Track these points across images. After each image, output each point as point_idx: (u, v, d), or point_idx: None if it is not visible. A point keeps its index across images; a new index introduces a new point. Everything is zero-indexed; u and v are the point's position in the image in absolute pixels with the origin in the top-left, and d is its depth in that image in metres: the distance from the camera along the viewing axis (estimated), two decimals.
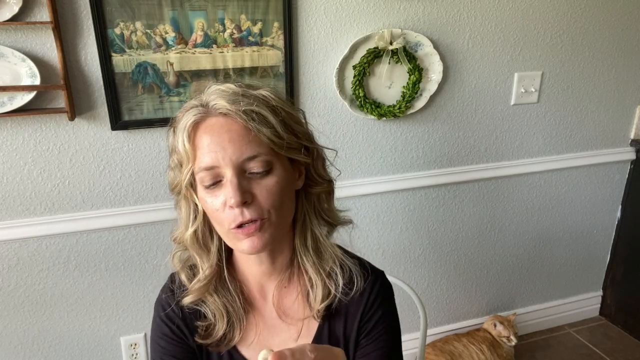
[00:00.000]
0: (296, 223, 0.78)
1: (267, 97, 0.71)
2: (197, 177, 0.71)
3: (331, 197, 0.81)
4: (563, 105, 1.93)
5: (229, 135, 0.67)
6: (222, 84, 0.72)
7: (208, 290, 0.79)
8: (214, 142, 0.67)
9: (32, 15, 1.27)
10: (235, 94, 0.69)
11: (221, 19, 1.41)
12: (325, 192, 0.80)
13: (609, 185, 2.15)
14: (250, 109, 0.67)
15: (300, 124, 0.75)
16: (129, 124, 1.43)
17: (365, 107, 1.61)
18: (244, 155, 0.67)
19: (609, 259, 2.31)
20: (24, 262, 1.48)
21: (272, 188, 0.69)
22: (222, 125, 0.68)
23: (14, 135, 1.36)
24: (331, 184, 0.80)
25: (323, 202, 0.80)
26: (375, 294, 0.80)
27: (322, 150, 0.79)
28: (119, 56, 1.36)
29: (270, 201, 0.69)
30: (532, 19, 1.75)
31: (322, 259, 0.79)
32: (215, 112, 0.69)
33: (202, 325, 0.80)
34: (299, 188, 0.77)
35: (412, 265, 1.96)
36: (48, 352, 1.59)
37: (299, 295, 0.80)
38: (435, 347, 1.90)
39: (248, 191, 0.68)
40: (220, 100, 0.68)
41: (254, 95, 0.70)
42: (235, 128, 0.67)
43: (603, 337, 2.23)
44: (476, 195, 1.94)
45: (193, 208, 0.76)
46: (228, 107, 0.67)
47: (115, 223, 1.51)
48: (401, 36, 1.57)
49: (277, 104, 0.71)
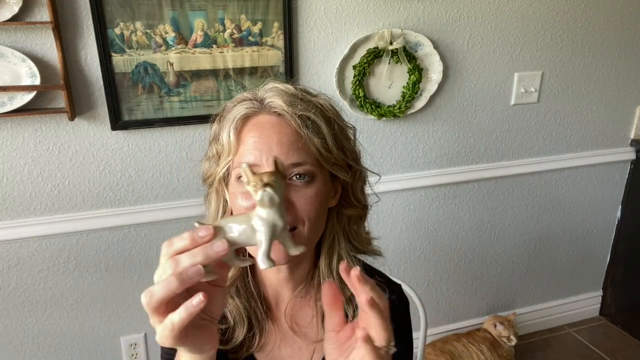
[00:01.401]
0: (323, 243, 0.74)
1: (324, 106, 0.68)
2: (234, 172, 0.67)
3: (362, 221, 0.78)
4: (563, 105, 1.93)
5: (278, 137, 0.64)
6: (280, 82, 0.69)
7: (230, 293, 0.75)
8: (262, 141, 0.64)
9: (32, 15, 1.27)
10: (294, 96, 0.66)
11: (221, 19, 1.41)
12: (358, 216, 0.76)
13: (609, 185, 2.15)
14: (306, 115, 0.65)
15: (349, 140, 0.72)
16: (129, 124, 1.43)
17: (365, 107, 1.61)
18: (289, 160, 0.63)
19: (609, 259, 2.31)
20: (24, 262, 1.48)
21: (311, 198, 0.65)
22: (273, 124, 0.65)
23: (14, 135, 1.36)
24: (365, 209, 0.77)
25: (353, 225, 0.76)
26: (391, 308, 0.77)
27: (365, 172, 0.76)
28: (119, 56, 1.36)
29: (307, 211, 0.65)
30: (532, 19, 1.75)
31: (344, 283, 0.76)
32: (270, 109, 0.66)
33: (221, 328, 0.75)
34: (332, 206, 0.74)
35: (412, 265, 1.96)
36: (48, 352, 1.59)
37: (315, 316, 0.77)
38: (435, 347, 1.90)
39: (285, 196, 0.64)
40: (277, 99, 0.65)
41: (312, 102, 0.67)
42: (287, 131, 0.64)
43: (603, 337, 2.23)
44: (476, 195, 1.94)
45: (223, 204, 0.73)
46: (284, 107, 0.65)
47: (115, 223, 1.51)
48: (401, 36, 1.57)
49: (332, 116, 0.68)
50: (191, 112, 1.47)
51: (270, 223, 0.49)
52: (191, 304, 0.47)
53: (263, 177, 0.49)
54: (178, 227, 1.56)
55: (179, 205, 1.54)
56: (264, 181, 0.49)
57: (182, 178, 1.54)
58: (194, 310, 0.47)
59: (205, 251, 0.48)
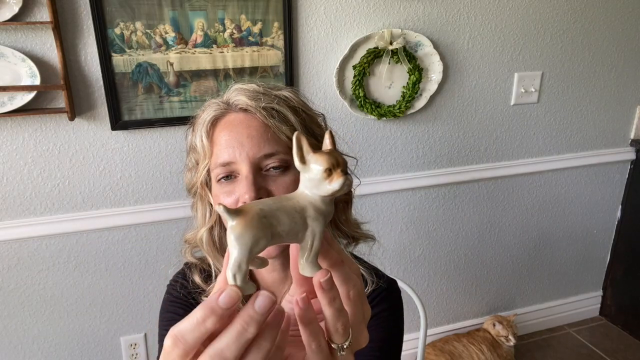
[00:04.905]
0: None
1: (288, 97, 0.70)
2: (213, 174, 0.69)
3: (349, 206, 0.78)
4: (563, 106, 1.93)
5: (247, 132, 0.66)
6: (244, 83, 0.72)
7: None
8: (233, 138, 0.66)
9: (32, 15, 1.27)
10: (257, 92, 0.69)
11: (221, 19, 1.41)
12: (343, 201, 0.77)
13: (609, 185, 2.15)
14: (270, 106, 0.67)
15: (320, 127, 0.74)
16: (129, 124, 1.43)
17: (365, 107, 1.61)
18: (261, 152, 0.66)
19: (609, 259, 2.31)
20: (24, 262, 1.47)
21: (289, 187, 0.66)
22: (241, 121, 0.67)
23: (14, 135, 1.36)
24: (349, 193, 0.78)
25: (340, 213, 0.77)
26: (378, 293, 0.77)
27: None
28: (119, 56, 1.36)
29: None
30: (532, 19, 1.75)
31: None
32: (236, 108, 0.69)
33: None
34: None
35: (412, 265, 1.96)
36: (48, 352, 1.59)
37: None
38: (435, 347, 1.90)
39: (263, 188, 0.66)
40: (241, 97, 0.68)
41: (275, 95, 0.69)
42: (255, 124, 0.67)
43: (603, 337, 2.23)
44: (476, 195, 1.94)
45: (208, 208, 0.75)
46: (248, 102, 0.67)
47: (115, 223, 1.51)
48: (401, 36, 1.57)
49: (297, 105, 0.70)
50: (191, 112, 1.47)
51: (328, 217, 0.37)
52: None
53: (338, 157, 0.36)
54: (178, 227, 1.56)
55: (179, 205, 1.54)
56: (341, 163, 0.36)
57: (182, 178, 1.53)
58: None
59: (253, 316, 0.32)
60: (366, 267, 0.79)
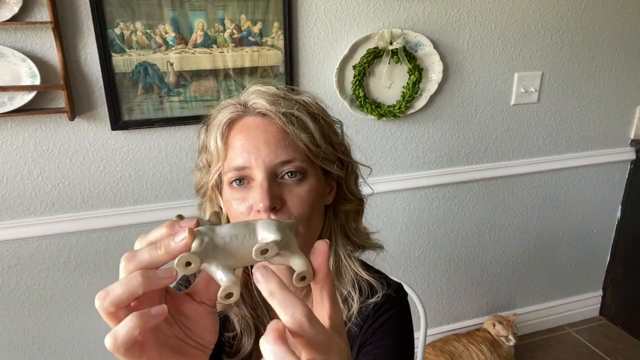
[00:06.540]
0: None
1: (308, 103, 0.69)
2: (225, 177, 0.67)
3: (359, 216, 0.77)
4: (563, 105, 1.93)
5: (265, 137, 0.64)
6: (263, 85, 0.69)
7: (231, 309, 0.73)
8: (249, 142, 0.64)
9: (32, 15, 1.27)
10: (276, 95, 0.67)
11: (221, 19, 1.41)
12: (354, 211, 0.76)
13: (609, 185, 2.15)
14: (290, 112, 0.65)
15: (337, 134, 0.72)
16: (129, 124, 1.43)
17: (365, 107, 1.61)
18: (278, 159, 0.63)
19: (609, 259, 2.31)
20: (24, 262, 1.47)
21: (304, 196, 0.65)
22: (258, 125, 0.65)
23: (14, 135, 1.36)
24: (362, 203, 0.77)
25: (351, 221, 0.76)
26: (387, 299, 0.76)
27: (357, 165, 0.76)
28: (119, 56, 1.36)
29: (300, 210, 0.64)
30: (532, 19, 1.75)
31: (340, 282, 0.74)
32: (254, 111, 0.66)
33: (229, 336, 0.73)
34: (328, 203, 0.73)
35: (412, 265, 1.96)
36: (48, 352, 1.59)
37: None
38: (435, 347, 1.90)
39: (278, 196, 0.63)
40: (260, 100, 0.65)
41: (294, 100, 0.68)
42: (273, 130, 0.65)
43: (603, 337, 2.23)
44: (476, 195, 1.94)
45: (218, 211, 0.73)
46: (267, 107, 0.65)
47: (115, 223, 1.51)
48: (401, 36, 1.57)
49: (317, 112, 0.69)
50: (191, 112, 1.47)
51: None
52: (149, 312, 0.37)
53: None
54: None
55: (179, 205, 1.54)
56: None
57: (182, 178, 1.54)
58: (146, 322, 0.36)
59: (167, 243, 0.38)
60: (375, 275, 0.77)
